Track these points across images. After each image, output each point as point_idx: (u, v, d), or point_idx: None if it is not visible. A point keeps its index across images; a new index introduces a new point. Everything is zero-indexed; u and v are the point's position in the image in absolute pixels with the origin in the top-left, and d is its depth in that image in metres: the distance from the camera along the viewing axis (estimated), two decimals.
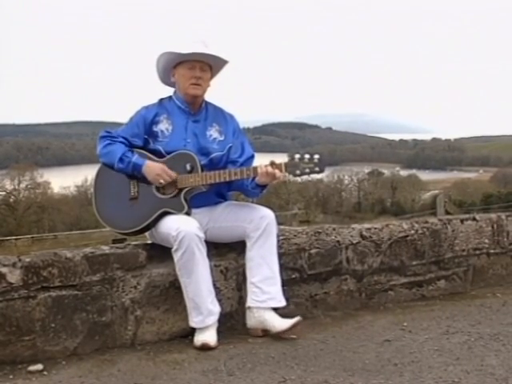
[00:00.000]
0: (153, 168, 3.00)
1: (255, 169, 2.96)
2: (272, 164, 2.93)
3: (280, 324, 2.93)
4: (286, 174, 2.98)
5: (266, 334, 2.96)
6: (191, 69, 3.07)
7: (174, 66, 3.12)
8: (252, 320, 3.00)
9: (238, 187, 3.14)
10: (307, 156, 2.92)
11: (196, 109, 3.15)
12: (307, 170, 2.92)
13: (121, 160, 3.02)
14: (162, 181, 2.98)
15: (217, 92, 3.31)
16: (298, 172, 2.93)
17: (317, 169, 2.93)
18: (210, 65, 3.11)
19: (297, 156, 2.92)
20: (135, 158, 3.03)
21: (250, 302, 3.00)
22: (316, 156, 2.92)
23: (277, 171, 2.92)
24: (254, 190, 3.06)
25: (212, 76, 3.18)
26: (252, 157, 3.20)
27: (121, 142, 3.06)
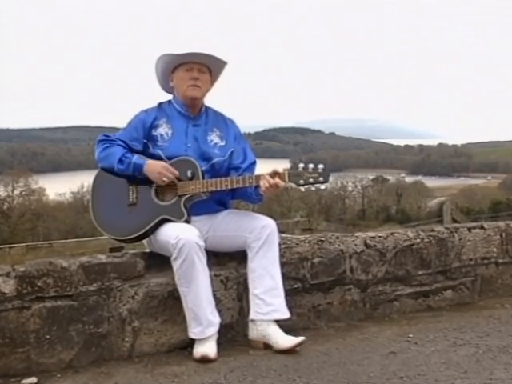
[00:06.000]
0: (154, 166, 2.94)
1: (258, 177, 2.92)
2: (275, 173, 2.88)
3: (283, 342, 2.86)
4: (290, 184, 2.93)
5: (267, 347, 2.90)
6: (189, 70, 3.05)
7: (173, 70, 3.09)
8: (254, 332, 2.94)
9: (240, 195, 3.11)
10: (311, 166, 2.86)
11: (196, 113, 3.12)
12: (311, 180, 2.87)
13: (120, 161, 2.97)
14: (165, 179, 2.92)
15: (217, 96, 3.30)
16: (301, 182, 2.88)
17: (321, 179, 2.87)
18: (209, 68, 3.09)
19: (300, 165, 2.87)
20: (135, 158, 2.98)
21: (253, 315, 2.94)
22: (320, 166, 2.86)
23: (280, 181, 2.86)
24: (257, 197, 3.03)
25: (213, 80, 3.16)
26: (254, 163, 3.17)
27: (119, 145, 3.01)
